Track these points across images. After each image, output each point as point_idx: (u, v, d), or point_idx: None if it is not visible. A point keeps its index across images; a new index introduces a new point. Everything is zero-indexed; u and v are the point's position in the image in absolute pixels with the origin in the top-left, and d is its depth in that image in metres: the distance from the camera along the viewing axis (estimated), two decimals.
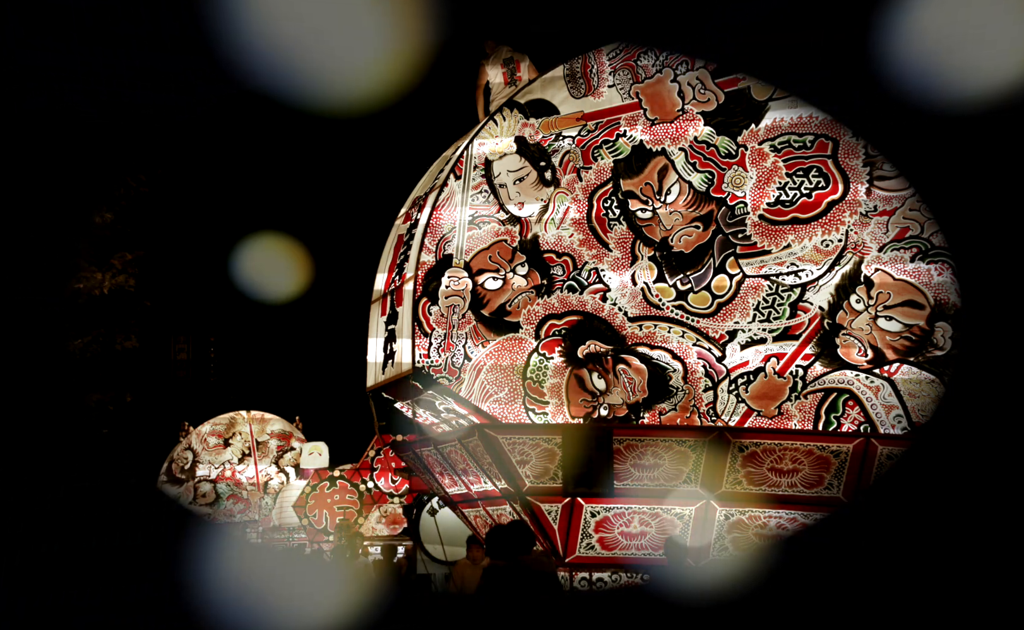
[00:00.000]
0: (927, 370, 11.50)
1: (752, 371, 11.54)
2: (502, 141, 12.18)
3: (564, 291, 11.78)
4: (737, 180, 11.86)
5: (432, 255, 11.86)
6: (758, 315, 11.64)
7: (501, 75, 13.16)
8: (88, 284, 22.28)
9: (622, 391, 11.56)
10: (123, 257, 22.71)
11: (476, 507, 12.59)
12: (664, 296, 11.74)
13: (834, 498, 11.38)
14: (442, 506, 16.31)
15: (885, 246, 11.68)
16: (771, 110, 11.94)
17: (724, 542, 11.49)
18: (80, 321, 22.29)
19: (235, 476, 27.92)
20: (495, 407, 11.52)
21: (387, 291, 12.59)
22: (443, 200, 11.98)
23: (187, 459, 28.05)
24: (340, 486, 22.30)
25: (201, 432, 28.46)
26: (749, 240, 11.77)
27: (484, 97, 13.30)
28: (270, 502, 27.13)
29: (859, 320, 11.61)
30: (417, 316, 11.70)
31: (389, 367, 12.31)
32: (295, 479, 26.87)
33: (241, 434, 28.36)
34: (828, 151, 11.83)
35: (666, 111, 12.07)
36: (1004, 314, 9.37)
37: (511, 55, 13.22)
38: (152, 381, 27.56)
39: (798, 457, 11.37)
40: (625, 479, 11.35)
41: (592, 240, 11.86)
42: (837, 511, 11.26)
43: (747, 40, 10.89)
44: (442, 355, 11.62)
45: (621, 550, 11.47)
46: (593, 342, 11.66)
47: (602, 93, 12.19)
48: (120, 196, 22.22)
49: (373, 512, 21.93)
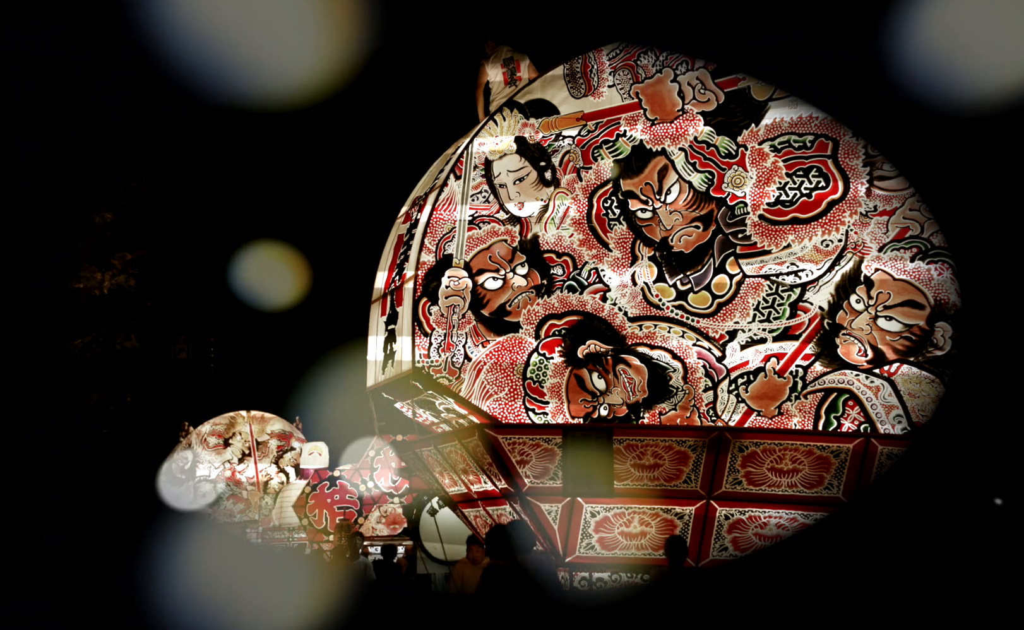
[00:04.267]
0: (927, 370, 11.50)
1: (752, 371, 11.54)
2: (502, 141, 12.18)
3: (564, 291, 11.78)
4: (737, 180, 11.86)
5: (432, 255, 11.86)
6: (758, 315, 11.64)
7: (501, 75, 13.16)
8: (88, 284, 22.27)
9: (622, 391, 11.56)
10: (123, 257, 22.71)
11: (476, 507, 12.59)
12: (664, 296, 11.74)
13: (834, 498, 11.38)
14: (442, 506, 16.31)
15: (885, 246, 11.68)
16: (771, 110, 11.94)
17: (724, 542, 11.50)
18: (80, 321, 22.29)
19: (235, 476, 27.92)
20: (495, 407, 11.52)
21: (387, 291, 12.59)
22: (443, 200, 11.99)
23: (187, 459, 28.04)
24: (340, 486, 22.31)
25: (201, 432, 28.46)
26: (749, 240, 11.77)
27: (484, 97, 13.30)
28: (270, 502, 27.14)
29: (859, 320, 11.61)
30: (417, 316, 11.70)
31: (389, 367, 12.31)
32: (295, 479, 26.89)
33: (241, 434, 28.36)
34: (828, 151, 11.83)
35: (666, 111, 12.07)
36: (1004, 314, 9.38)
37: (511, 55, 13.22)
38: (152, 381, 27.54)
39: (798, 457, 11.37)
40: (625, 479, 11.35)
41: (592, 240, 11.86)
42: (837, 511, 11.27)
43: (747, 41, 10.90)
44: (442, 355, 11.63)
45: (621, 550, 11.48)
46: (593, 342, 11.66)
47: (602, 93, 12.19)
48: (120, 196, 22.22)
49: (373, 512, 21.94)
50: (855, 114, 11.48)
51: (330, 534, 21.40)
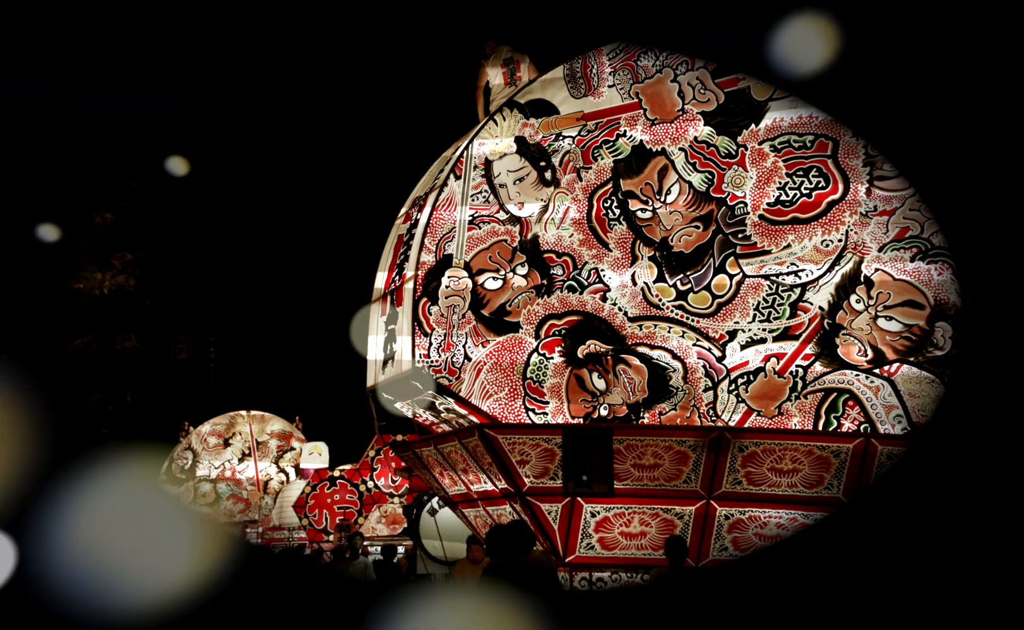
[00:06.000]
0: (927, 370, 11.50)
1: (752, 371, 11.54)
2: (502, 141, 12.18)
3: (564, 291, 11.78)
4: (737, 180, 11.86)
5: (432, 255, 11.86)
6: (758, 315, 11.64)
7: (501, 75, 13.16)
8: (88, 284, 22.28)
9: (622, 391, 11.56)
10: (123, 257, 22.71)
11: (476, 507, 12.60)
12: (664, 296, 11.74)
13: (834, 498, 11.37)
14: (442, 506, 16.32)
15: (885, 246, 11.68)
16: (771, 110, 11.95)
17: (724, 542, 11.50)
18: (80, 321, 22.30)
19: (235, 476, 27.94)
20: (495, 407, 11.52)
21: (387, 291, 12.59)
22: (443, 200, 11.99)
23: (187, 459, 28.06)
24: (340, 486, 22.32)
25: (201, 432, 28.47)
26: (749, 240, 11.77)
27: (484, 97, 13.31)
28: (270, 502, 27.15)
29: (859, 320, 11.61)
30: (417, 316, 11.70)
31: (389, 367, 12.31)
32: (295, 479, 26.90)
33: (241, 434, 28.37)
34: (828, 151, 11.83)
35: (666, 111, 12.07)
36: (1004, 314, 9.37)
37: (511, 55, 13.23)
38: (152, 381, 27.54)
39: (798, 457, 11.37)
40: (625, 479, 11.35)
41: (592, 240, 11.86)
42: (837, 511, 11.27)
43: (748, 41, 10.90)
44: (442, 355, 11.63)
45: (621, 550, 11.48)
46: (593, 342, 11.66)
47: (602, 93, 12.19)
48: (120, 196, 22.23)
49: (373, 512, 21.95)
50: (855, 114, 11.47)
51: (330, 534, 21.41)
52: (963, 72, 10.27)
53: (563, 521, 11.44)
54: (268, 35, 15.26)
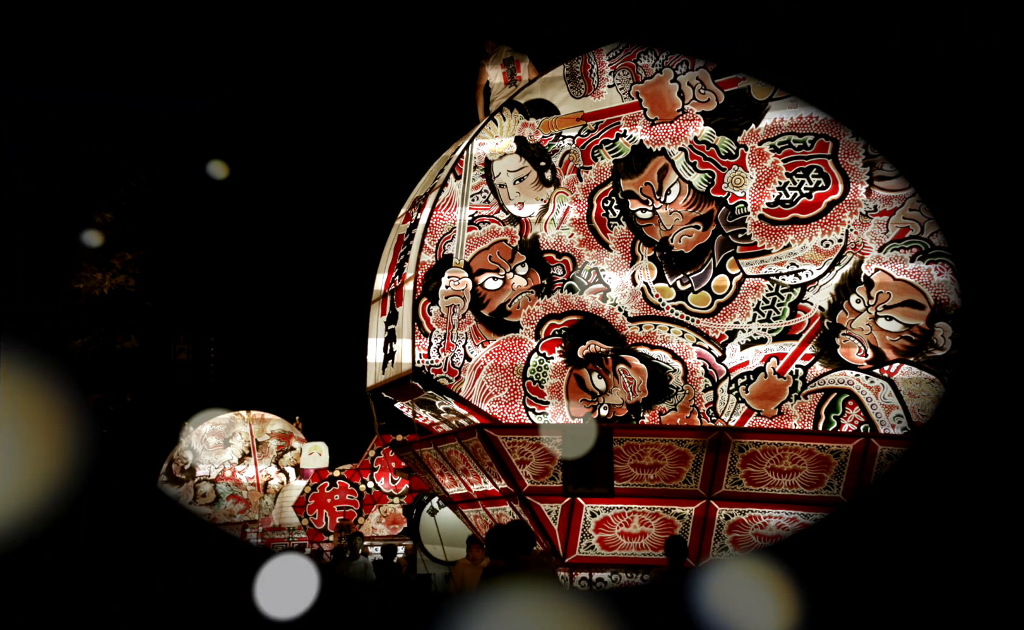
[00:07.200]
0: (927, 370, 11.50)
1: (752, 371, 11.54)
2: (502, 141, 12.18)
3: (564, 291, 11.78)
4: (737, 180, 11.86)
5: (432, 255, 11.86)
6: (758, 315, 11.64)
7: (501, 75, 13.16)
8: (88, 284, 22.25)
9: (622, 391, 11.56)
10: (123, 257, 22.69)
11: (476, 507, 12.59)
12: (664, 296, 11.74)
13: (834, 498, 11.37)
14: (442, 506, 16.32)
15: (885, 246, 11.68)
16: (771, 110, 11.95)
17: (724, 542, 11.49)
18: (80, 321, 22.27)
19: (235, 476, 27.92)
20: (495, 407, 11.52)
21: (387, 291, 12.59)
22: (443, 200, 11.99)
23: (187, 459, 28.05)
24: (340, 486, 22.32)
25: (201, 432, 28.45)
26: (749, 240, 11.77)
27: (484, 97, 13.31)
28: (270, 502, 27.14)
29: (859, 320, 11.61)
30: (417, 316, 11.70)
31: (389, 367, 12.31)
32: (295, 479, 26.90)
33: (241, 434, 28.36)
34: (828, 151, 11.83)
35: (666, 111, 12.07)
36: (1004, 314, 9.38)
37: (511, 55, 13.23)
38: (152, 381, 27.52)
39: (798, 457, 11.37)
40: (625, 479, 11.35)
41: (592, 240, 11.86)
42: (837, 511, 11.27)
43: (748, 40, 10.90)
44: (442, 355, 11.63)
45: (621, 550, 11.48)
46: (593, 342, 11.66)
47: (602, 93, 12.19)
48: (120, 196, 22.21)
49: (373, 512, 21.95)
50: (855, 114, 11.48)
51: (330, 534, 21.41)
52: (963, 72, 10.28)
53: (563, 521, 11.44)
54: (268, 35, 15.27)
